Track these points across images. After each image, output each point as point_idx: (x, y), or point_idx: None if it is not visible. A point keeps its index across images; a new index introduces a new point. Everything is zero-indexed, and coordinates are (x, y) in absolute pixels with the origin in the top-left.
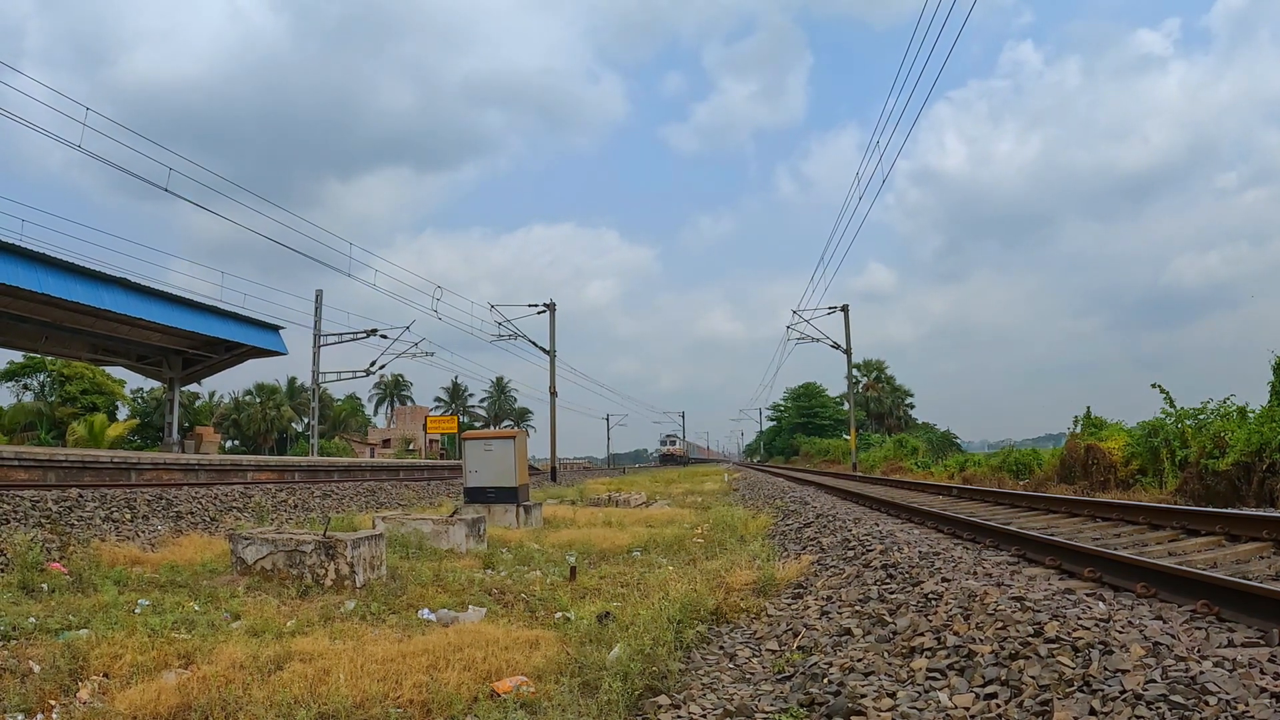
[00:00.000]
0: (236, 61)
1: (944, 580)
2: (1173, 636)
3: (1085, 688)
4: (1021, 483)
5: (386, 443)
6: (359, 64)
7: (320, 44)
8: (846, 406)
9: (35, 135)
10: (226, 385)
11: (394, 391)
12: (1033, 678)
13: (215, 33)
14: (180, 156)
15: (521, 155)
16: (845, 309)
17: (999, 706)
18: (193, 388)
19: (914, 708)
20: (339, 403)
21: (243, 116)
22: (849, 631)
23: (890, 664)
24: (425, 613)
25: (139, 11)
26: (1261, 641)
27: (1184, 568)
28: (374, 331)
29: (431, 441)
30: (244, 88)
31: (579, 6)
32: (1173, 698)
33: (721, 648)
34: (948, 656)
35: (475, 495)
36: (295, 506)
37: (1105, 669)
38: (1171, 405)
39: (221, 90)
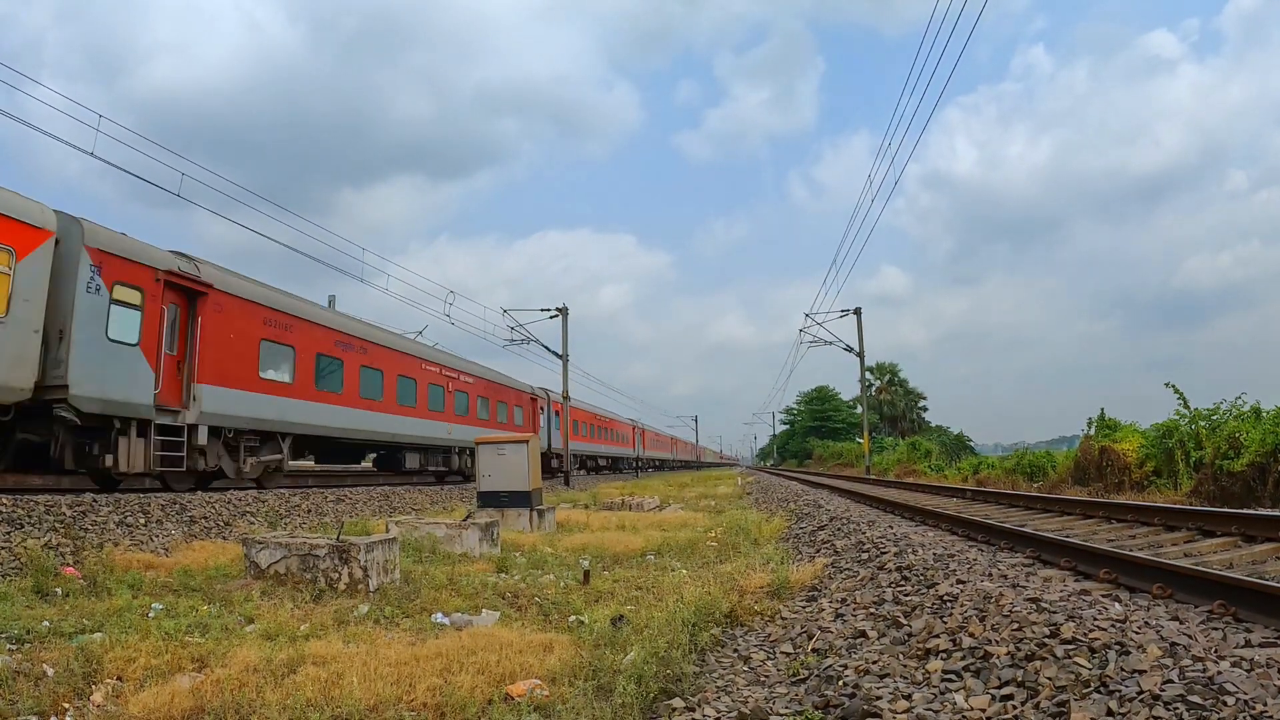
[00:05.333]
0: (253, 72)
1: (959, 582)
2: (1189, 637)
3: (1102, 688)
4: (1036, 485)
5: None
6: (374, 74)
7: (336, 54)
8: (859, 410)
9: (54, 146)
10: None
11: None
12: (1049, 679)
13: (232, 44)
14: (195, 164)
15: (536, 162)
16: (858, 312)
17: (1015, 708)
18: None
19: (930, 709)
20: None
21: (259, 126)
22: (864, 634)
23: (905, 666)
24: (439, 616)
25: (156, 24)
26: (1279, 641)
27: (1200, 568)
28: None
29: None
30: (261, 97)
31: (591, 16)
32: (1190, 698)
33: (736, 650)
34: (963, 658)
35: (488, 499)
36: (309, 511)
37: (1122, 670)
38: (1186, 406)
39: (238, 100)
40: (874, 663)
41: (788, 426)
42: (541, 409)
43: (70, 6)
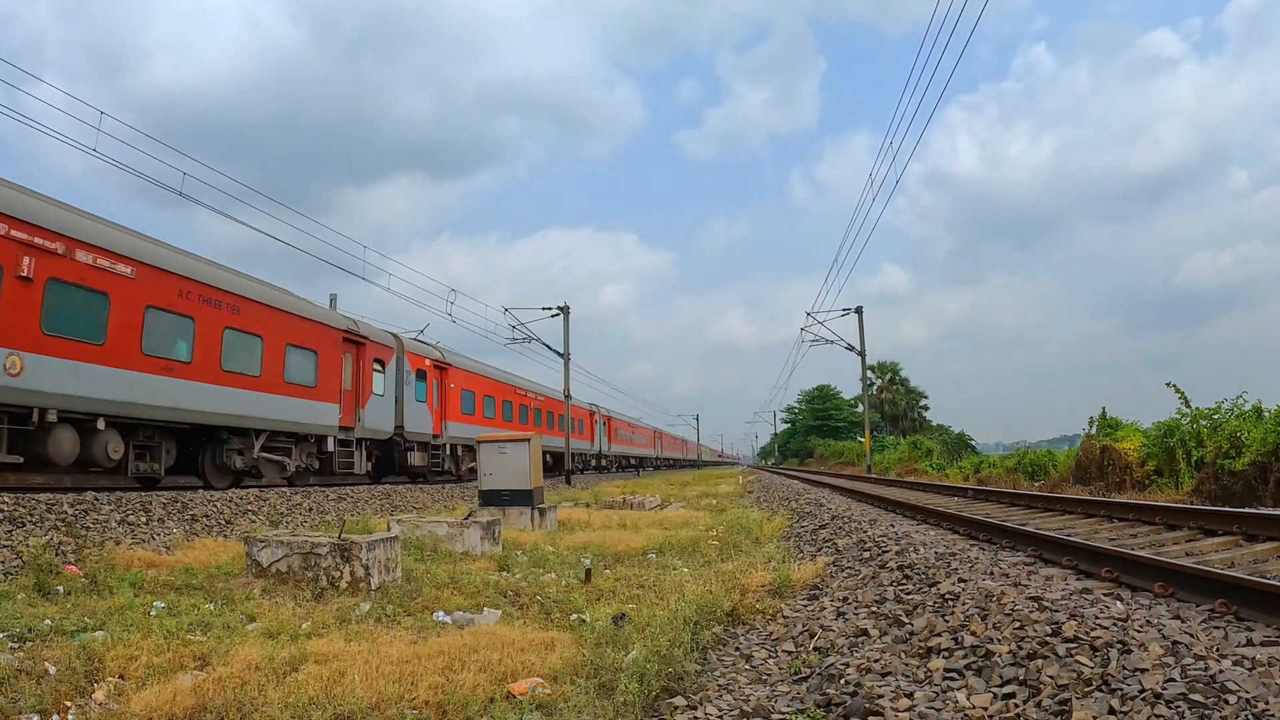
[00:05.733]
0: (255, 71)
1: (961, 581)
2: (1191, 635)
3: (1104, 687)
4: (1037, 484)
5: None
6: (376, 73)
7: (338, 54)
8: (861, 409)
9: (56, 144)
10: None
11: None
12: (1051, 677)
13: (234, 43)
14: (197, 162)
15: (538, 161)
16: (859, 311)
17: (1017, 706)
18: None
19: (931, 708)
20: None
21: (261, 124)
22: (865, 632)
23: (907, 664)
24: (440, 615)
25: (158, 23)
26: None
27: (1202, 567)
28: None
29: None
30: (262, 96)
31: (592, 15)
32: (1192, 696)
33: (738, 649)
34: (965, 657)
35: (490, 498)
36: (310, 510)
37: (1124, 668)
38: (1187, 405)
39: (240, 99)
40: (876, 661)
41: (789, 425)
42: (378, 363)
43: (72, 5)
